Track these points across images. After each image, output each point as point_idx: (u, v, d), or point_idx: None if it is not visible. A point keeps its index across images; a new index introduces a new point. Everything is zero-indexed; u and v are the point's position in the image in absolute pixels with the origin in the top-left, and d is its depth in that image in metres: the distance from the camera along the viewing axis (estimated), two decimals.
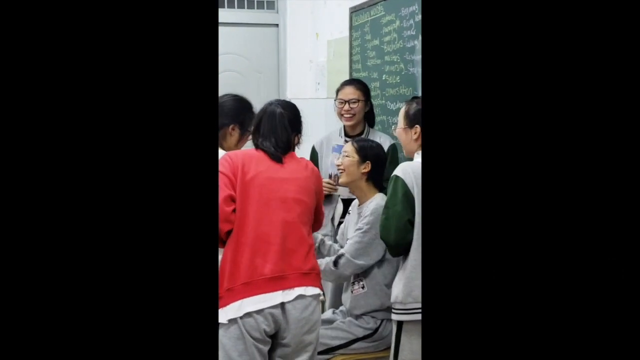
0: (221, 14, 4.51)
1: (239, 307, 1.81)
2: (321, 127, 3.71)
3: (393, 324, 2.07)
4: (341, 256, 2.28)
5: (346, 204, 2.70)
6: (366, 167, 2.34)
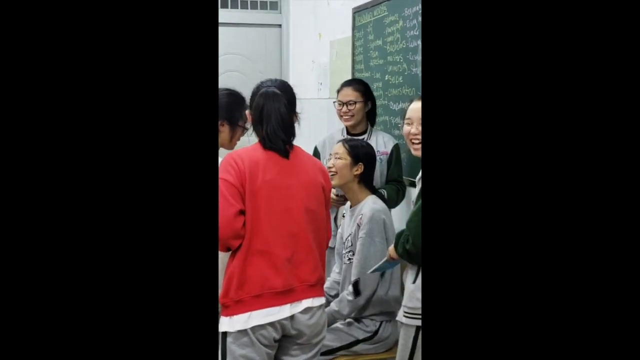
0: (224, 15, 4.51)
1: (248, 319, 1.77)
2: (323, 128, 3.70)
3: (407, 329, 1.93)
4: (357, 281, 2.24)
5: None
6: (358, 169, 2.32)
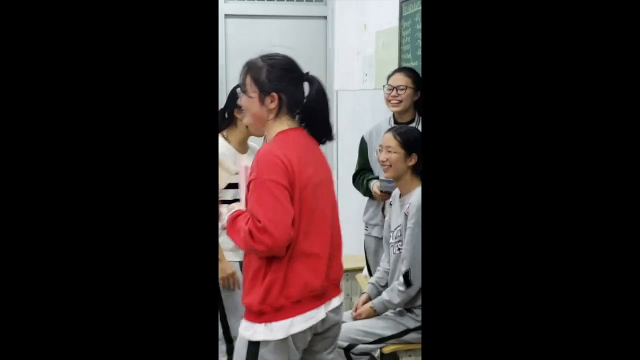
0: (270, 7, 4.53)
1: (290, 327, 1.66)
2: (367, 119, 3.68)
3: None
4: (408, 272, 2.21)
5: None
6: (412, 160, 2.29)
